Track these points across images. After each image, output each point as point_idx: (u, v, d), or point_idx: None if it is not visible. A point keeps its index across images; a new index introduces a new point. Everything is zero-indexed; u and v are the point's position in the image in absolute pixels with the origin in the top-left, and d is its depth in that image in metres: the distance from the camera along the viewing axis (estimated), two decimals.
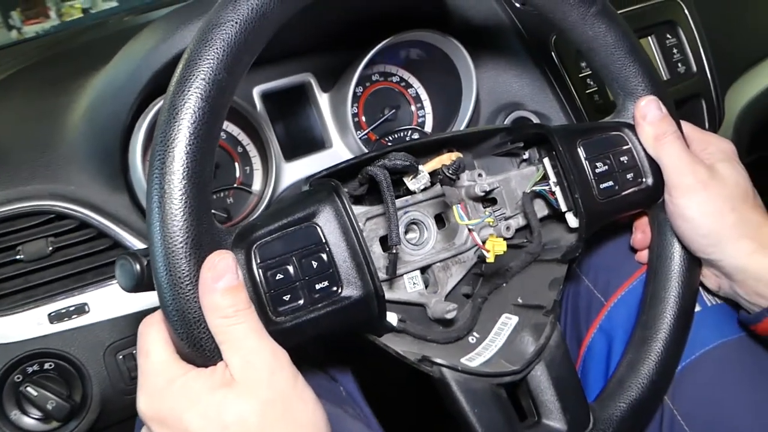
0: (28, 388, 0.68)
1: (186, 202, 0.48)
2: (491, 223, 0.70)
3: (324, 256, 0.55)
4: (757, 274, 0.64)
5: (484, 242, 0.66)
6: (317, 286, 0.55)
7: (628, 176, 0.68)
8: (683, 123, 0.70)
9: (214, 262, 0.48)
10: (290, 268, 0.54)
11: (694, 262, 0.69)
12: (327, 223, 0.56)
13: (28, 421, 0.70)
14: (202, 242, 0.49)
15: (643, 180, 0.68)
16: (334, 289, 0.55)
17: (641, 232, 0.73)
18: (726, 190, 0.65)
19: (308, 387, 0.50)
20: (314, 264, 0.55)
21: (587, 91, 0.93)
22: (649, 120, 0.67)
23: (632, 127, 0.69)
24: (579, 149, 0.67)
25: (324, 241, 0.56)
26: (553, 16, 0.67)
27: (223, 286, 0.48)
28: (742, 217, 0.65)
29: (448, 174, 0.64)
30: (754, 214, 0.65)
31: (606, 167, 0.67)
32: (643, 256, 0.74)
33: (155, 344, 0.50)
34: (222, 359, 0.49)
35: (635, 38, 0.69)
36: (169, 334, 0.50)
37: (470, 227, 0.69)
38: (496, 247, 0.65)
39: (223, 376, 0.48)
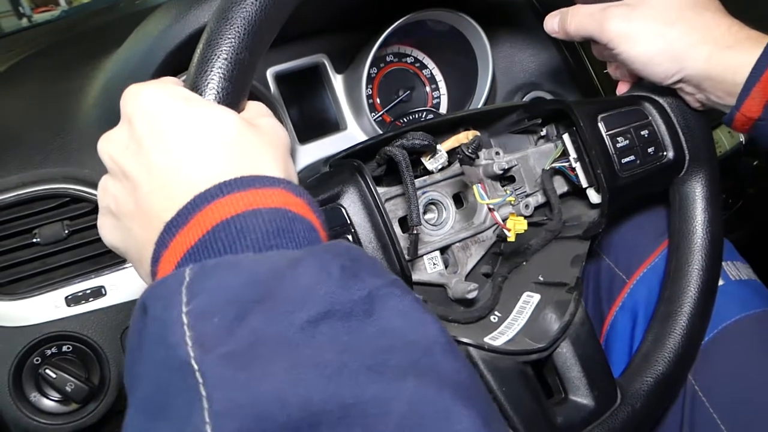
0: (47, 371, 0.68)
1: None
2: (512, 202, 0.69)
3: (349, 237, 0.55)
4: (720, 75, 0.61)
5: (504, 221, 0.65)
6: None
7: (649, 150, 0.67)
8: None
9: None
10: None
11: (717, 236, 0.68)
12: (352, 204, 0.56)
13: (47, 403, 0.70)
14: None
15: (665, 154, 0.68)
16: None
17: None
18: (654, 10, 0.62)
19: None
20: None
21: (605, 71, 0.92)
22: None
23: (652, 101, 0.69)
24: (600, 124, 0.66)
25: (349, 222, 0.56)
26: None
27: None
28: (685, 26, 0.61)
29: (467, 153, 0.64)
30: (699, 18, 0.62)
31: (627, 142, 0.66)
32: None
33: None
34: None
35: None
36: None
37: (491, 206, 0.68)
38: (516, 226, 0.64)
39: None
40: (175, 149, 0.39)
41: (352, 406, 0.28)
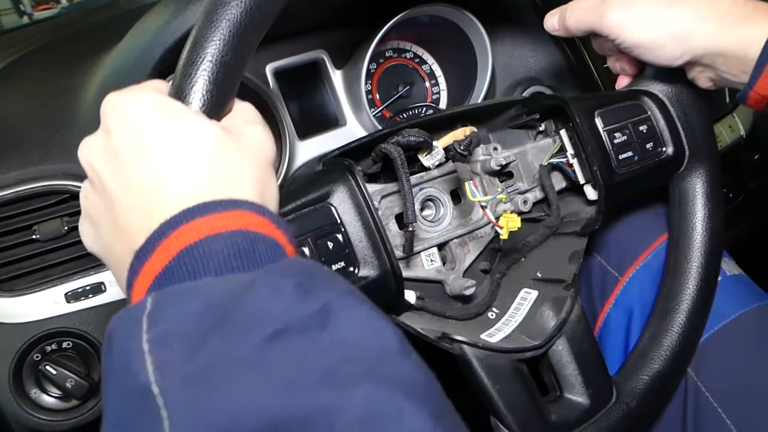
0: (47, 367, 0.68)
1: None
2: (503, 199, 0.69)
3: (339, 236, 0.55)
4: (731, 51, 0.58)
5: (498, 218, 0.65)
6: (333, 267, 0.54)
7: (648, 146, 0.67)
8: None
9: None
10: (306, 250, 0.54)
11: (717, 233, 0.67)
12: (341, 203, 0.56)
13: (47, 400, 0.70)
14: None
15: (663, 149, 0.67)
16: (351, 269, 0.55)
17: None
18: None
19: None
20: (330, 245, 0.55)
21: (605, 65, 0.92)
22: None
23: (651, 95, 0.68)
24: (597, 120, 0.66)
25: (339, 221, 0.56)
26: None
27: None
28: (686, 5, 0.60)
29: (459, 150, 0.64)
30: None
31: (625, 137, 0.66)
32: None
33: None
34: None
35: None
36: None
37: (482, 204, 0.68)
38: (509, 224, 0.64)
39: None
40: (152, 168, 0.40)
41: (308, 415, 0.29)
